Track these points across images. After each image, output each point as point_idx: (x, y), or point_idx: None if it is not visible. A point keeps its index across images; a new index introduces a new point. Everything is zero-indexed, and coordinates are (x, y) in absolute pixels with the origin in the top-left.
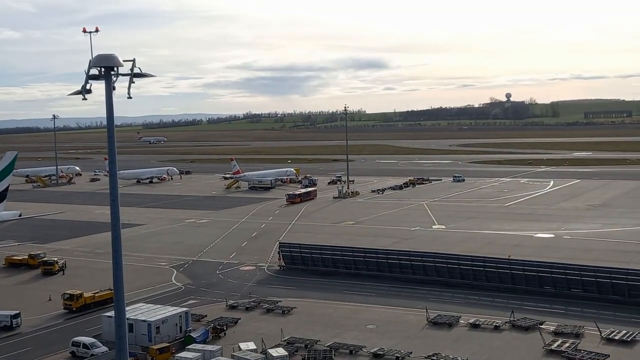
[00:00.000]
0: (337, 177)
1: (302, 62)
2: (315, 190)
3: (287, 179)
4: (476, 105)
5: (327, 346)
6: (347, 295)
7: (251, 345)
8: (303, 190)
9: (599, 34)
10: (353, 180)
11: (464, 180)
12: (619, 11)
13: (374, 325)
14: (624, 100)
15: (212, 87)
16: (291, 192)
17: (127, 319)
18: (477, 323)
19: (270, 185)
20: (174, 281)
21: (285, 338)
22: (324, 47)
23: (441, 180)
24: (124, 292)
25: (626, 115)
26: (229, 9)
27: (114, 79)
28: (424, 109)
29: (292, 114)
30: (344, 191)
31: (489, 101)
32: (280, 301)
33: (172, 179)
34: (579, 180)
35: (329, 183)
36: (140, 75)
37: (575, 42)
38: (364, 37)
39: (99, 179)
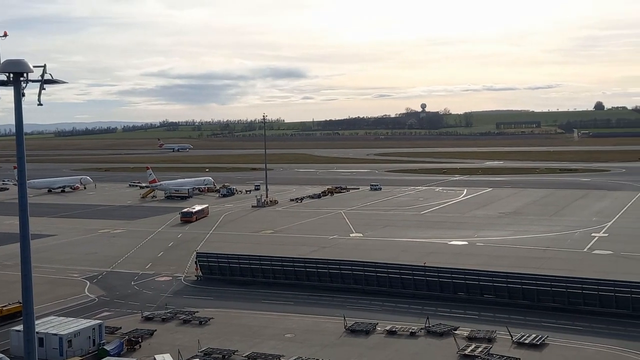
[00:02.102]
0: (256, 186)
1: (220, 70)
2: (207, 207)
3: (204, 188)
4: (392, 115)
5: (244, 356)
6: (265, 304)
7: (167, 357)
8: (198, 208)
9: (509, 47)
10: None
11: (380, 189)
12: (527, 25)
13: (292, 334)
14: (533, 112)
15: (128, 95)
16: (186, 210)
17: (37, 333)
18: (394, 330)
19: (187, 195)
20: (87, 293)
21: (203, 349)
22: (242, 55)
23: (359, 189)
24: (33, 305)
25: (535, 125)
26: (145, 16)
27: (24, 85)
28: (342, 118)
29: (210, 122)
30: (263, 200)
31: (404, 111)
32: (197, 312)
33: (85, 188)
34: (491, 189)
35: (246, 192)
36: (52, 81)
37: (486, 55)
38: (282, 47)
39: (7, 189)
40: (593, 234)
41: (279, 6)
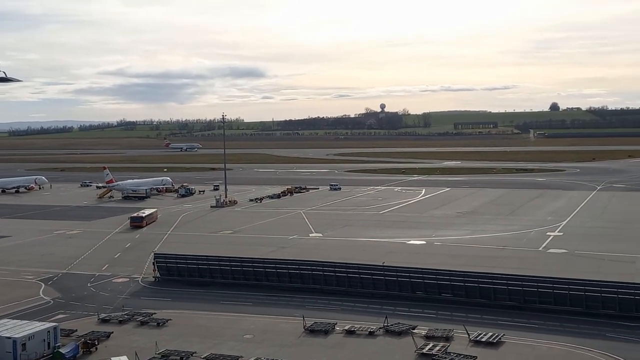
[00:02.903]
0: (215, 186)
1: (178, 69)
2: (156, 211)
3: (162, 188)
4: (352, 115)
5: (203, 358)
6: (224, 305)
7: (124, 359)
8: (148, 212)
9: (466, 49)
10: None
11: (340, 188)
12: (484, 27)
13: (251, 335)
14: (490, 112)
15: (84, 94)
16: (136, 215)
17: None
18: (353, 329)
19: (145, 195)
20: (42, 295)
21: (160, 351)
22: (200, 54)
23: (318, 189)
24: None
25: (492, 126)
26: (102, 14)
27: None
28: (302, 118)
29: (168, 122)
30: (222, 200)
31: (364, 111)
32: (155, 313)
33: (41, 188)
34: (449, 189)
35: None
36: (5, 79)
37: (444, 56)
38: (241, 46)
39: None
40: (548, 233)
41: (237, 5)
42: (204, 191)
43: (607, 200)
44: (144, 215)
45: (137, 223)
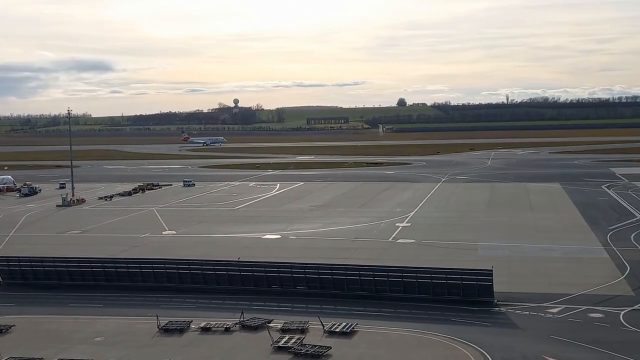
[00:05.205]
0: (61, 184)
1: (18, 61)
2: None
3: (3, 187)
4: (205, 110)
5: None
6: (73, 308)
7: None
8: None
9: (317, 45)
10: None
11: (194, 184)
12: (333, 24)
13: (103, 337)
14: (341, 107)
15: None
16: None
17: None
18: (208, 326)
19: None
20: None
21: (4, 358)
22: (43, 46)
23: (171, 185)
24: None
25: (343, 121)
26: None
27: None
28: (153, 113)
29: (8, 117)
30: (69, 199)
31: (217, 106)
32: None
33: None
34: (303, 183)
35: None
36: None
37: (295, 52)
38: (87, 38)
39: None
40: (397, 224)
41: None
42: (38, 189)
43: (451, 192)
44: None
45: None
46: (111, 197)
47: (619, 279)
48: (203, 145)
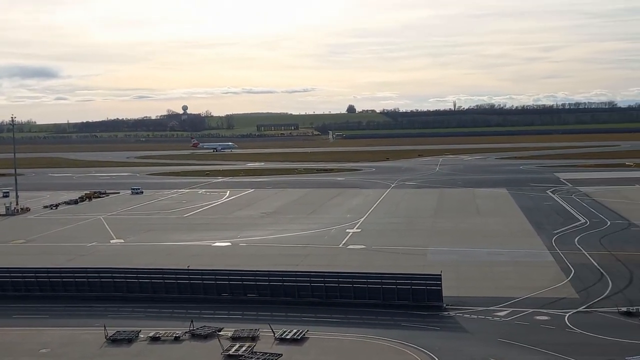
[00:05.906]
0: (5, 193)
1: None
2: None
3: None
4: (153, 117)
5: None
6: (17, 319)
7: None
8: None
9: (266, 52)
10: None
11: (142, 192)
12: (280, 31)
13: (48, 349)
14: (291, 114)
15: None
16: None
17: None
18: (157, 336)
19: None
20: None
21: None
22: None
23: (119, 193)
24: None
25: (293, 128)
26: None
27: None
28: (100, 120)
29: None
30: (13, 208)
31: (166, 113)
32: None
33: None
34: (253, 190)
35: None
36: None
37: (244, 58)
38: (31, 44)
39: None
40: (347, 230)
41: (27, 2)
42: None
43: (400, 197)
44: None
45: None
46: (57, 205)
47: (564, 282)
48: (214, 151)
